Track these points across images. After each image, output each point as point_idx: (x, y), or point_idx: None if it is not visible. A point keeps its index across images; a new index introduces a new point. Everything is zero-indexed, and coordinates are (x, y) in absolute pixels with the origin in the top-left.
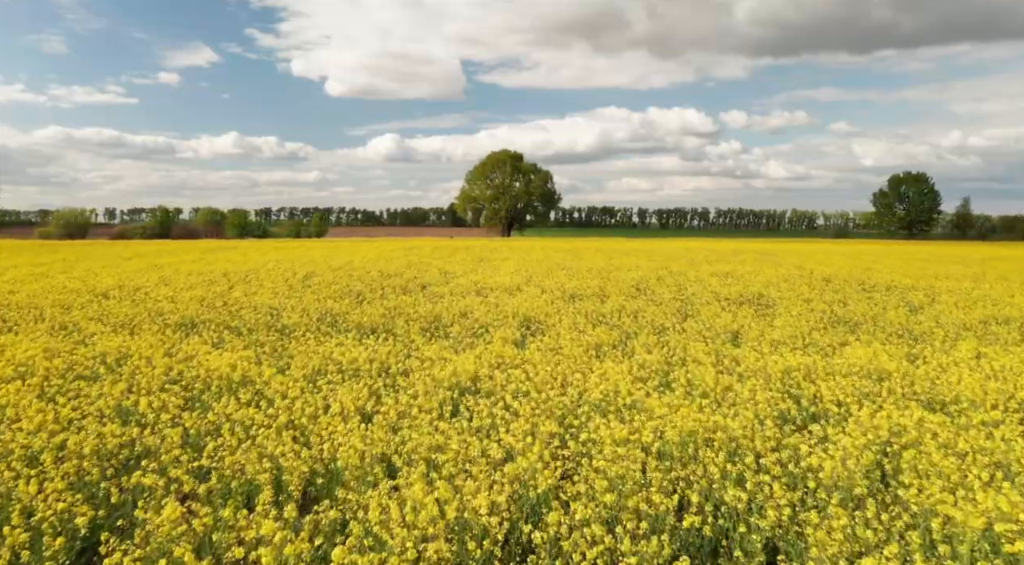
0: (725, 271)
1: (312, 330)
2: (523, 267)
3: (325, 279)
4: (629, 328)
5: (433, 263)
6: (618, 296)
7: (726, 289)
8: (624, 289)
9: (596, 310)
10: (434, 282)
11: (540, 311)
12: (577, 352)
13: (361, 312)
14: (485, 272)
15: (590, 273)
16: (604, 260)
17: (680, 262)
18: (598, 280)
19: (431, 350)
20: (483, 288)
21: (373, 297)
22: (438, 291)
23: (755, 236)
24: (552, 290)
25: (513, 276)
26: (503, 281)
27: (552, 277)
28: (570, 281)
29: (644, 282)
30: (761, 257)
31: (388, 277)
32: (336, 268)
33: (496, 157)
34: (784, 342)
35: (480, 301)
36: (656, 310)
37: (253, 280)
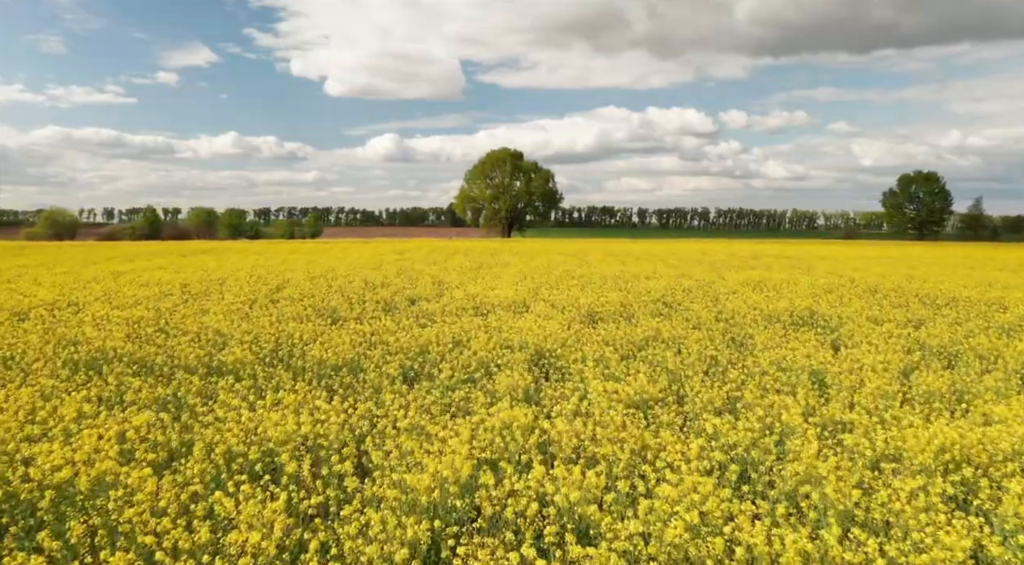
0: (756, 280)
1: (251, 373)
2: (528, 275)
3: (299, 291)
4: (673, 365)
5: (426, 271)
6: (646, 315)
7: (769, 304)
8: (650, 305)
9: (625, 337)
10: (425, 296)
11: (554, 339)
12: (616, 418)
13: (327, 342)
14: (485, 281)
15: (605, 283)
16: (617, 266)
17: (701, 268)
18: (617, 292)
19: (407, 417)
20: (482, 304)
21: (349, 316)
22: (428, 309)
23: (756, 236)
24: (565, 307)
25: (517, 287)
26: (506, 295)
27: (563, 289)
28: (584, 294)
29: (670, 295)
30: (787, 262)
31: (373, 288)
32: (315, 276)
33: (496, 156)
34: (888, 394)
35: (479, 323)
36: (700, 337)
37: (215, 293)
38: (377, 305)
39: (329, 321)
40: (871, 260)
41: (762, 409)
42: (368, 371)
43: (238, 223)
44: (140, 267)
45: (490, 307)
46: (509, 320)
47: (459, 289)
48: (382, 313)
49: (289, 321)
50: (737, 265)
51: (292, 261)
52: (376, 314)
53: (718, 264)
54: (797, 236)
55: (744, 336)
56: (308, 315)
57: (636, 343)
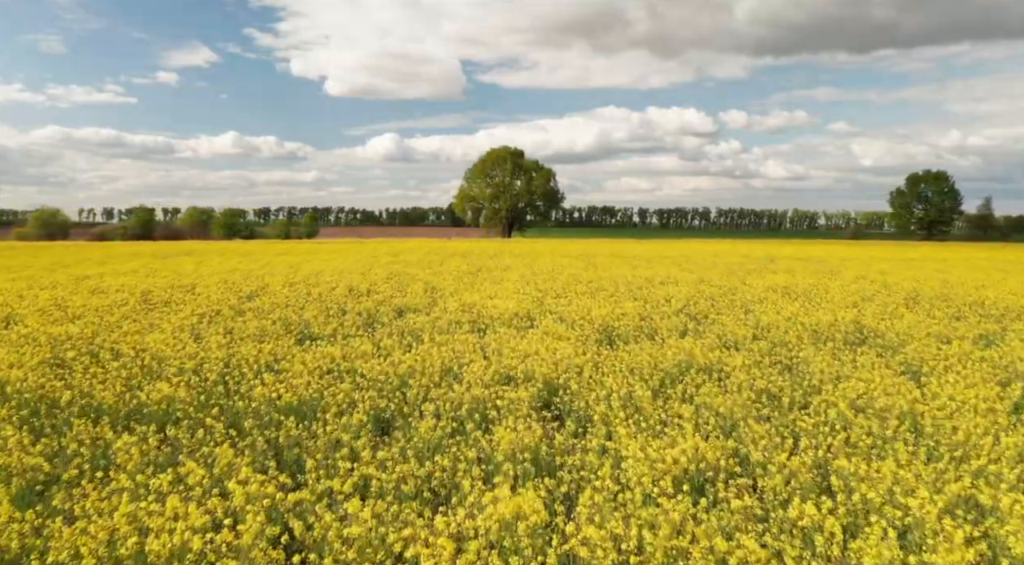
0: (782, 285)
1: (175, 420)
2: (531, 280)
3: (273, 300)
4: (723, 407)
5: (419, 275)
6: (672, 332)
7: (807, 315)
8: (672, 317)
9: (652, 362)
10: (415, 306)
11: (567, 366)
12: (672, 514)
13: (283, 372)
14: (483, 288)
15: (617, 289)
16: (627, 270)
17: (718, 272)
18: (633, 302)
19: (366, 509)
20: (480, 316)
21: (323, 333)
22: (416, 323)
23: (757, 236)
24: (577, 322)
25: (520, 297)
26: (507, 306)
27: (570, 297)
28: (596, 304)
29: (693, 304)
30: (808, 265)
31: (357, 296)
32: (295, 282)
33: (496, 154)
34: (987, 451)
35: (475, 343)
36: (743, 362)
37: (178, 302)
38: (358, 318)
39: (297, 339)
40: (897, 262)
41: (866, 485)
42: (328, 414)
43: (233, 223)
44: (109, 271)
45: (488, 321)
46: (511, 339)
47: (454, 298)
48: (362, 329)
49: (247, 341)
50: (756, 268)
51: (275, 264)
52: (355, 330)
53: (735, 267)
54: (799, 236)
55: (795, 360)
56: (275, 332)
57: (667, 371)
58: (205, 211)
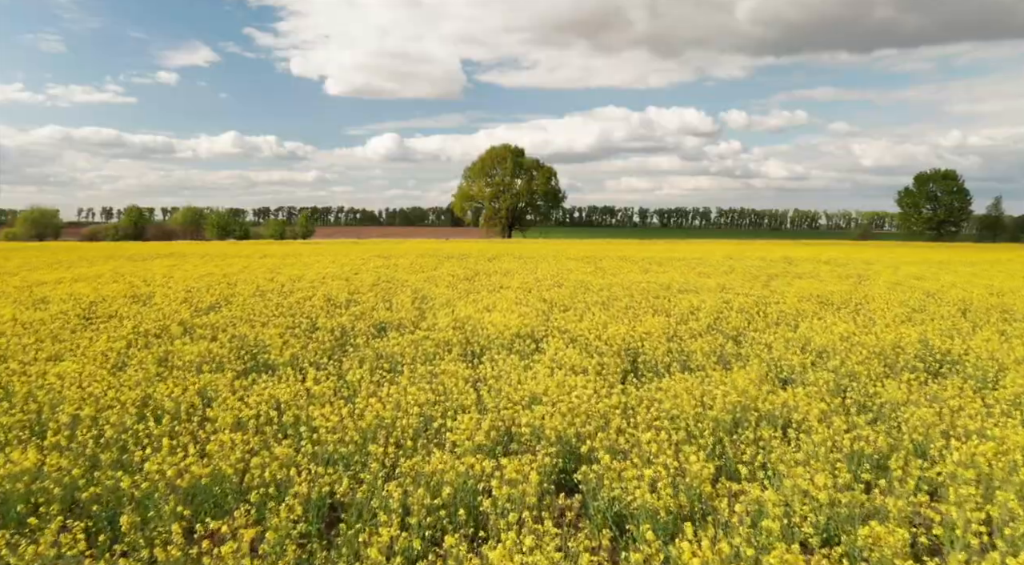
0: (815, 294)
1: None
2: (534, 288)
3: (233, 314)
4: (810, 486)
5: (410, 281)
6: (709, 358)
7: (865, 334)
8: (706, 337)
9: (696, 406)
10: (400, 320)
11: (587, 416)
12: None
13: (209, 422)
14: (480, 298)
15: (632, 298)
16: (638, 274)
17: (738, 277)
18: (654, 317)
19: None
20: (474, 336)
21: (279, 360)
22: (398, 346)
23: (758, 237)
24: (592, 343)
25: (522, 309)
26: (507, 323)
27: (580, 308)
28: (613, 320)
29: (724, 319)
30: (831, 268)
31: (335, 307)
32: (267, 291)
33: (496, 152)
34: None
35: (466, 377)
36: (816, 407)
37: (123, 316)
38: (329, 337)
39: (242, 371)
40: (925, 265)
41: None
42: (255, 499)
43: (226, 223)
44: (71, 277)
45: (485, 342)
46: (512, 370)
47: (446, 310)
48: (330, 353)
49: (181, 372)
50: (777, 273)
51: (255, 269)
52: (321, 356)
53: (754, 271)
54: (800, 236)
55: (873, 400)
56: (223, 357)
57: (720, 422)
58: (198, 211)
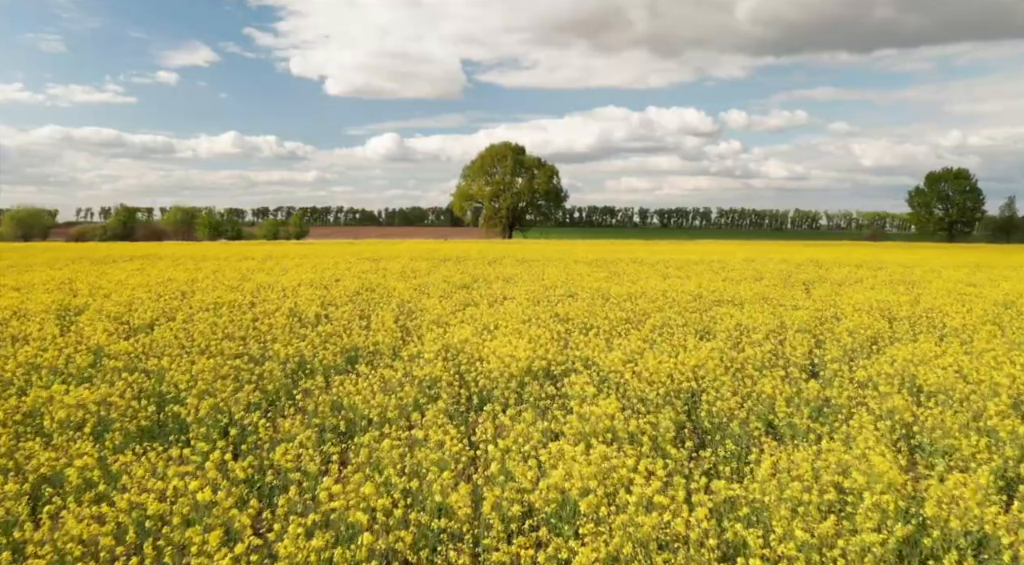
0: (875, 306)
1: None
2: (542, 298)
3: (166, 337)
4: None
5: (398, 289)
6: (799, 412)
7: (975, 366)
8: (779, 373)
9: (825, 517)
10: (376, 346)
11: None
12: None
13: None
14: (479, 314)
15: (665, 315)
16: (658, 281)
17: (771, 284)
18: (701, 342)
19: None
20: (471, 373)
21: (195, 416)
22: (363, 393)
23: (759, 237)
24: (630, 383)
25: (532, 330)
26: (515, 352)
27: (604, 330)
28: (649, 345)
29: (791, 346)
30: (872, 273)
31: (301, 327)
32: (225, 303)
33: (496, 150)
34: None
35: (456, 452)
36: (966, 500)
37: (21, 340)
38: (279, 372)
39: (135, 437)
40: (968, 269)
41: None
42: None
43: (218, 223)
44: (14, 284)
45: (486, 382)
46: (525, 442)
47: (435, 333)
48: (271, 401)
49: (30, 440)
50: (813, 278)
51: (225, 273)
52: (248, 410)
53: (787, 276)
54: (801, 237)
55: None
56: (118, 410)
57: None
58: (189, 211)
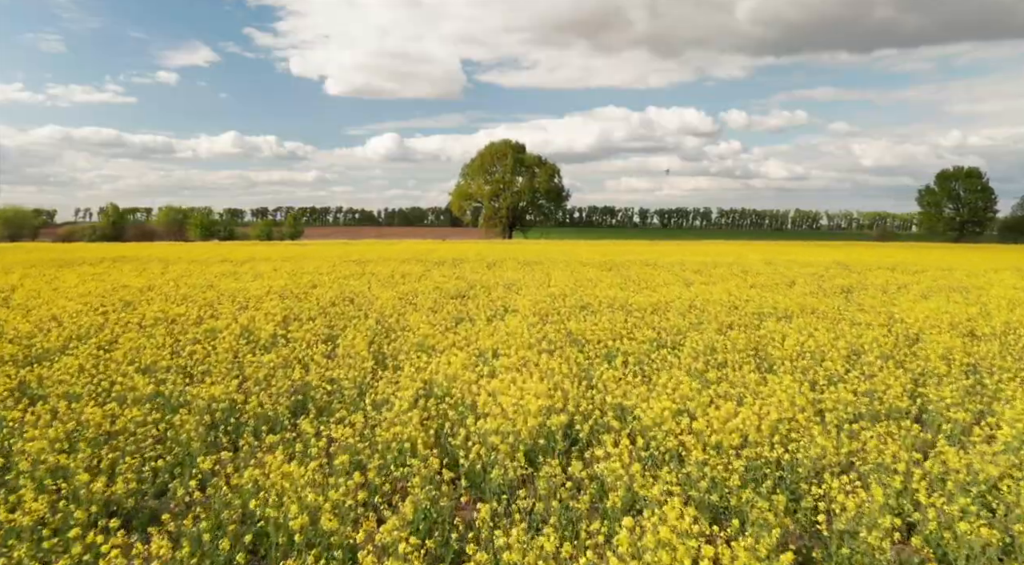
0: (948, 320)
1: None
2: (552, 312)
3: (75, 369)
4: None
5: (380, 299)
6: (937, 493)
7: None
8: (865, 424)
9: None
10: (337, 385)
11: None
12: None
13: None
14: (475, 335)
15: (704, 334)
16: (680, 287)
17: (805, 291)
18: (764, 385)
19: None
20: (461, 438)
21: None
22: (296, 476)
23: (760, 237)
24: (689, 450)
25: (544, 361)
26: (525, 400)
27: (635, 358)
28: (702, 384)
29: (881, 384)
30: (915, 278)
31: (254, 349)
32: (162, 321)
33: (496, 148)
34: None
35: None
36: None
37: None
38: (191, 429)
39: None
40: (1011, 272)
41: None
42: None
43: (210, 224)
44: None
45: (480, 453)
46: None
47: (417, 362)
48: (152, 489)
49: None
50: (851, 284)
51: (189, 278)
52: (101, 524)
53: (820, 281)
54: (802, 237)
55: None
56: None
57: None
58: (180, 211)
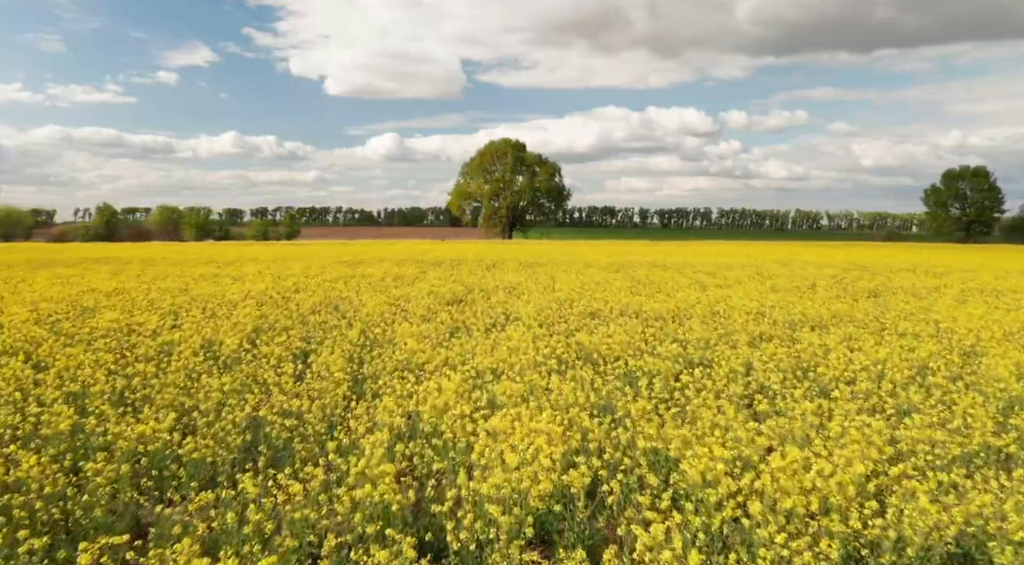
0: (989, 328)
1: None
2: (559, 321)
3: None
4: None
5: (366, 306)
6: None
7: None
8: (944, 477)
9: None
10: (298, 421)
11: None
12: None
13: None
14: (473, 347)
15: (727, 344)
16: (696, 291)
17: (830, 296)
18: (832, 428)
19: None
20: (448, 502)
21: None
22: None
23: (760, 237)
24: (755, 527)
25: (551, 382)
26: (531, 447)
27: (657, 380)
28: (751, 430)
29: (946, 407)
30: (941, 280)
31: (213, 368)
32: (115, 331)
33: (496, 147)
34: None
35: None
36: None
37: None
38: (95, 495)
39: None
40: None
41: None
42: None
43: (205, 223)
44: None
45: (479, 527)
46: None
47: (401, 388)
48: None
49: None
50: (877, 287)
51: (167, 280)
52: None
53: (843, 284)
54: (803, 237)
55: None
56: None
57: None
58: (174, 210)
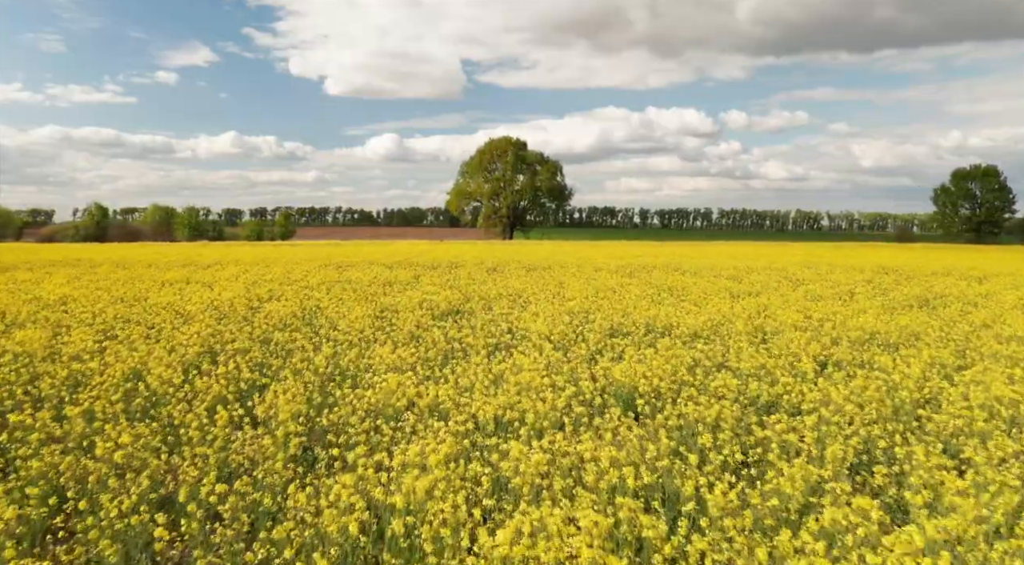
0: None
1: None
2: (575, 341)
3: None
4: None
5: (347, 319)
6: None
7: None
8: None
9: None
10: (226, 507)
11: None
12: None
13: None
14: (471, 379)
15: (789, 372)
16: (725, 301)
17: (882, 306)
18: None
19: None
20: None
21: None
22: None
23: (761, 238)
24: None
25: (579, 445)
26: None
27: (723, 442)
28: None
29: None
30: (991, 288)
31: (131, 415)
32: (21, 356)
33: (496, 145)
34: None
35: None
36: None
37: None
38: None
39: None
40: None
41: None
42: None
43: (199, 223)
44: None
45: None
46: None
47: (368, 460)
48: None
49: None
50: (921, 295)
51: (132, 285)
52: None
53: (881, 290)
54: (803, 238)
55: None
56: None
57: None
58: (167, 210)
